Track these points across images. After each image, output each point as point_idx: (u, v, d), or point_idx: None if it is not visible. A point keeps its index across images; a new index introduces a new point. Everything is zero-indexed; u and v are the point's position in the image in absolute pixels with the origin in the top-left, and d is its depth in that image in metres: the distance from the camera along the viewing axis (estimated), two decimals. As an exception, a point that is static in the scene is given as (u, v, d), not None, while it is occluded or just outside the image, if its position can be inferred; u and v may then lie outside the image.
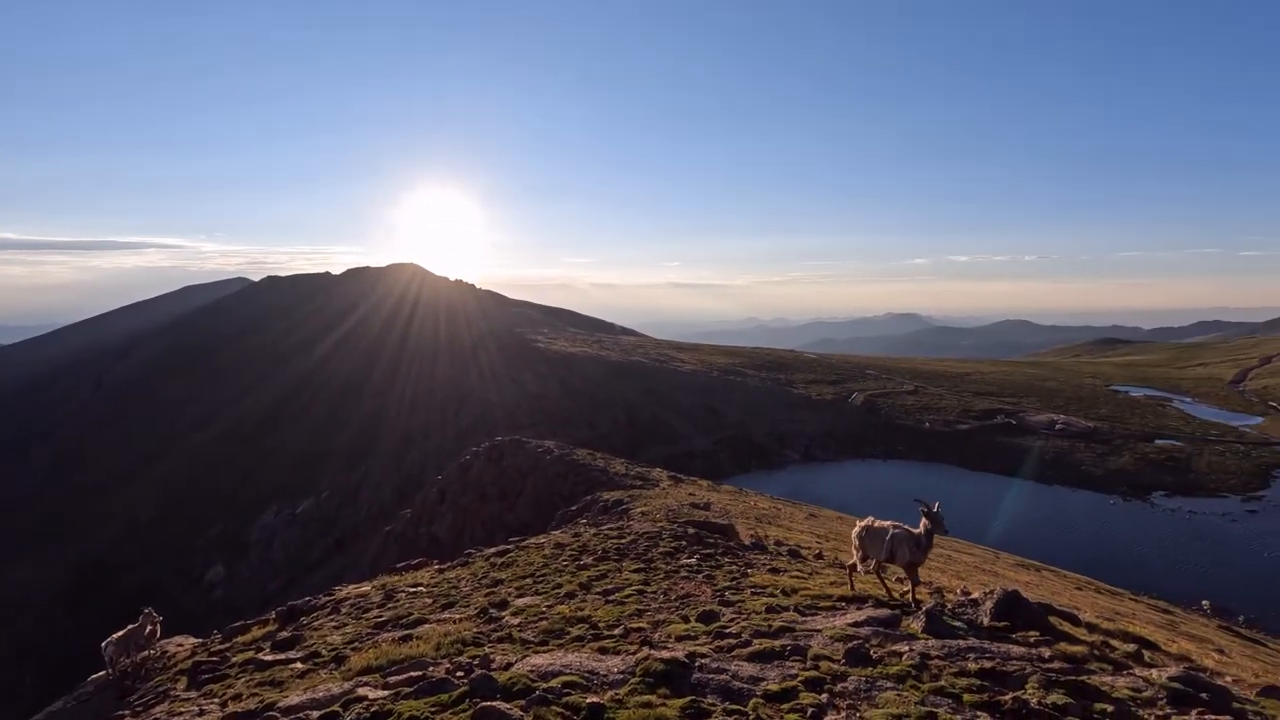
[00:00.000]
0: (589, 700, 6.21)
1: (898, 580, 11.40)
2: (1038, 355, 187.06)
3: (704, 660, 7.18)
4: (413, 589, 14.00)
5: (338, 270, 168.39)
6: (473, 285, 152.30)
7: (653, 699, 6.30)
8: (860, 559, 10.16)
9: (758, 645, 7.61)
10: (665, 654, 7.21)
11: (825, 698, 6.31)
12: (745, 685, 6.64)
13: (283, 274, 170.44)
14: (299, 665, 9.62)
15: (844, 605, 9.52)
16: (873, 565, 10.22)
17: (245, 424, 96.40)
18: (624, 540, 15.51)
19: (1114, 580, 33.45)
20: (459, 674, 7.23)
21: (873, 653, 7.29)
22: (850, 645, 7.37)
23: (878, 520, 10.00)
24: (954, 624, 8.39)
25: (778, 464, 67.95)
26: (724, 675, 6.84)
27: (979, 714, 5.95)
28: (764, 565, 13.18)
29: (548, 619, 9.69)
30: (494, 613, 10.54)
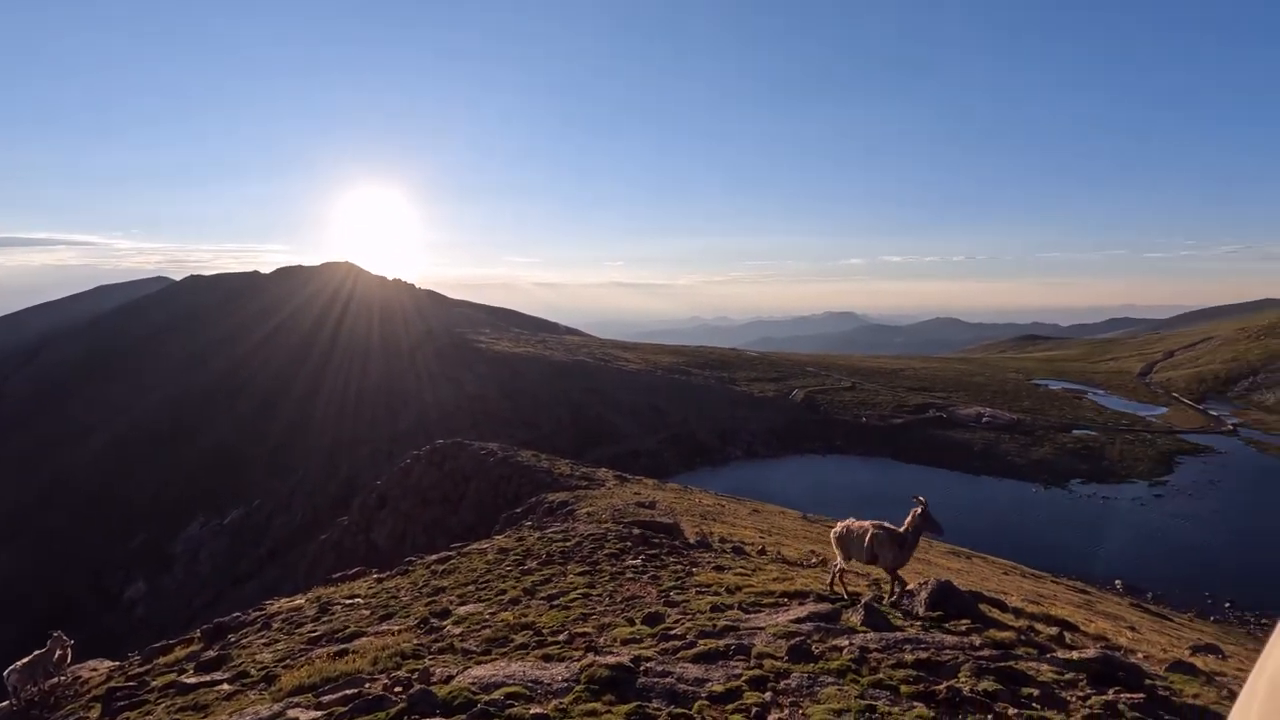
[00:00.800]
0: (533, 711, 6.11)
1: (862, 577, 11.42)
2: (966, 351, 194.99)
3: (649, 664, 7.17)
4: (349, 600, 13.53)
5: (267, 269, 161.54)
6: (411, 285, 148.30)
7: (597, 706, 6.25)
8: (844, 560, 9.74)
9: (703, 646, 7.64)
10: (610, 659, 7.15)
11: (769, 696, 6.39)
12: (690, 688, 6.65)
13: (206, 273, 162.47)
14: (226, 687, 9.13)
15: (786, 601, 9.68)
16: (846, 565, 9.80)
17: (164, 429, 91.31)
18: (569, 543, 15.38)
19: (1037, 564, 35.32)
20: (397, 689, 7.00)
21: (814, 649, 7.42)
22: (793, 642, 7.49)
23: (856, 521, 9.62)
24: (891, 616, 8.66)
25: (721, 461, 68.83)
26: (669, 679, 6.84)
27: (915, 704, 6.13)
28: (709, 563, 13.28)
29: (491, 627, 9.51)
30: (435, 622, 10.28)
